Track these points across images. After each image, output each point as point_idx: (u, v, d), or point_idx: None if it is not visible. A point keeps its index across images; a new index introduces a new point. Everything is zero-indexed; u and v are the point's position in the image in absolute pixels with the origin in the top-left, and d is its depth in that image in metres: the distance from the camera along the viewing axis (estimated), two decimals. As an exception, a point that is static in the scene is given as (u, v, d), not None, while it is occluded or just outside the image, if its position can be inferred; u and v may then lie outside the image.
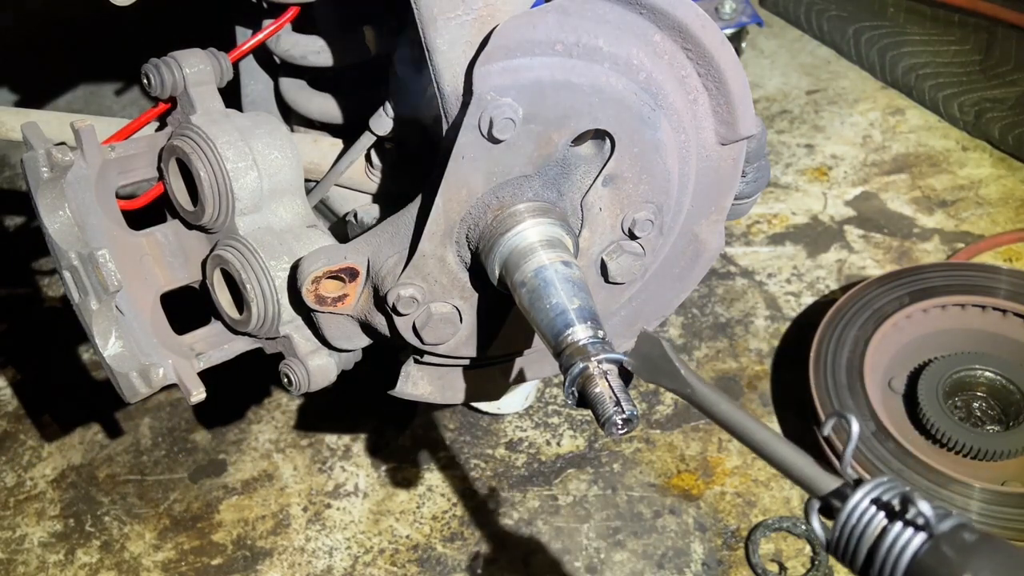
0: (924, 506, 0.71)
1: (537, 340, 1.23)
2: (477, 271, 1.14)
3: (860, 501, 0.75)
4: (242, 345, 1.33)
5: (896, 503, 0.73)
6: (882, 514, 0.74)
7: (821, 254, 2.55)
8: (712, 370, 2.26)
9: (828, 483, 0.79)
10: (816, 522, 0.78)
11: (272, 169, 1.23)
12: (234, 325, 1.27)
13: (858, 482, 0.77)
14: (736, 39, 2.48)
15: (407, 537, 1.97)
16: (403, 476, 2.08)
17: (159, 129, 1.33)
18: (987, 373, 2.05)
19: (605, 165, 1.10)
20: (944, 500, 1.77)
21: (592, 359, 0.94)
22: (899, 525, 0.73)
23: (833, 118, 3.02)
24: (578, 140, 1.10)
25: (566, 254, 1.06)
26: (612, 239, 1.16)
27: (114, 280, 1.18)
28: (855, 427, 0.77)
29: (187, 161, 1.21)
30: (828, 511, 0.78)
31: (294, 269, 1.17)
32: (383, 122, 1.33)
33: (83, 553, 1.98)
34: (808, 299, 2.42)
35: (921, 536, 0.71)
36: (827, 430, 0.81)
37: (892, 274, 2.20)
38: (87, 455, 2.17)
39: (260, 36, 1.40)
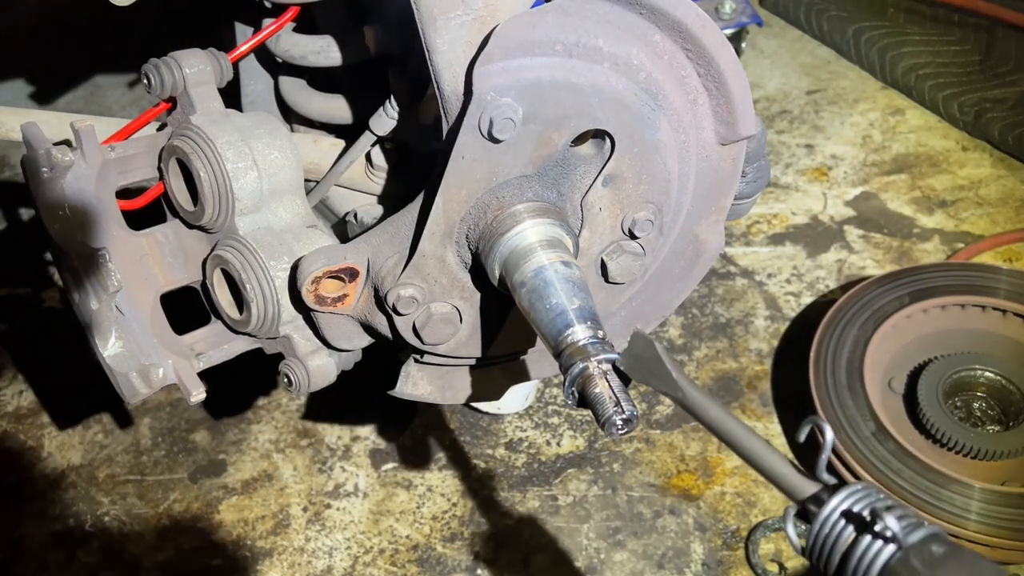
0: (891, 520, 0.71)
1: (538, 340, 1.23)
2: (477, 271, 1.14)
3: (833, 511, 0.76)
4: (242, 345, 1.33)
5: (867, 514, 0.74)
6: (853, 525, 0.75)
7: (821, 254, 2.55)
8: (712, 370, 2.26)
9: (809, 489, 0.80)
10: (792, 530, 0.78)
11: (272, 169, 1.23)
12: (234, 325, 1.27)
13: (836, 488, 0.77)
14: (736, 39, 2.48)
15: (407, 537, 1.97)
16: (403, 476, 2.08)
17: (159, 129, 1.33)
18: (987, 373, 2.05)
19: (605, 165, 1.10)
20: (944, 500, 1.77)
21: (592, 359, 0.94)
22: (869, 536, 0.73)
23: (833, 118, 3.02)
24: (578, 140, 1.10)
25: (566, 254, 1.06)
26: (612, 239, 1.16)
27: (114, 280, 1.19)
28: (828, 434, 0.78)
29: (187, 161, 1.21)
30: (808, 516, 0.79)
31: (294, 269, 1.17)
32: (383, 122, 1.33)
33: (83, 553, 1.98)
34: (808, 299, 2.42)
35: (891, 548, 0.72)
36: (802, 437, 0.81)
37: (892, 274, 2.20)
38: (87, 455, 2.17)
39: (260, 36, 1.40)
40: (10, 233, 2.74)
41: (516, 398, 2.11)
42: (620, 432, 0.92)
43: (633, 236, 1.16)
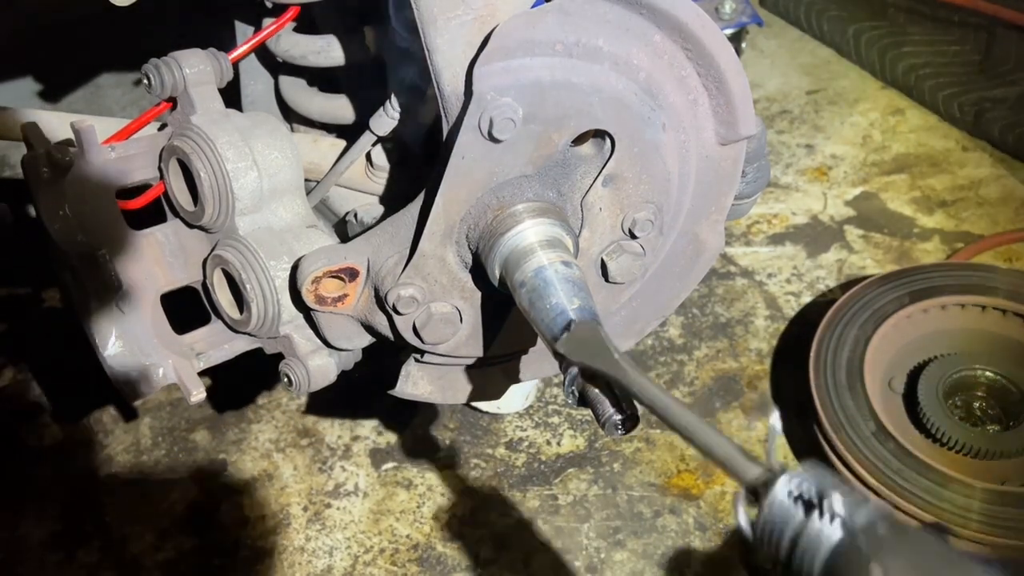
0: (836, 501, 0.70)
1: (538, 340, 1.23)
2: (477, 271, 1.14)
3: (780, 494, 0.74)
4: (242, 345, 1.33)
5: (814, 496, 0.72)
6: (802, 508, 0.73)
7: (821, 254, 2.55)
8: (712, 370, 2.26)
9: (755, 473, 0.77)
10: (743, 517, 0.76)
11: (272, 169, 1.23)
12: (234, 325, 1.27)
13: (784, 471, 0.75)
14: (736, 39, 2.48)
15: (407, 537, 1.97)
16: (403, 476, 2.08)
17: (160, 129, 1.33)
18: (987, 373, 2.05)
19: (605, 165, 1.10)
20: (944, 500, 1.77)
21: (592, 359, 0.94)
22: (816, 519, 0.71)
23: (833, 118, 3.02)
24: (578, 140, 1.10)
25: (566, 254, 1.06)
26: (612, 239, 1.16)
27: (114, 280, 1.19)
28: (776, 422, 0.79)
29: (187, 161, 1.21)
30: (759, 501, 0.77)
31: (294, 269, 1.17)
32: (383, 122, 1.33)
33: (83, 553, 1.98)
34: (808, 299, 2.42)
35: (838, 530, 0.70)
36: (779, 428, 0.81)
37: (892, 274, 2.20)
38: (87, 455, 2.17)
39: (260, 36, 1.40)
40: (10, 232, 2.74)
41: (516, 398, 2.11)
42: (620, 432, 0.92)
43: (633, 236, 1.16)
